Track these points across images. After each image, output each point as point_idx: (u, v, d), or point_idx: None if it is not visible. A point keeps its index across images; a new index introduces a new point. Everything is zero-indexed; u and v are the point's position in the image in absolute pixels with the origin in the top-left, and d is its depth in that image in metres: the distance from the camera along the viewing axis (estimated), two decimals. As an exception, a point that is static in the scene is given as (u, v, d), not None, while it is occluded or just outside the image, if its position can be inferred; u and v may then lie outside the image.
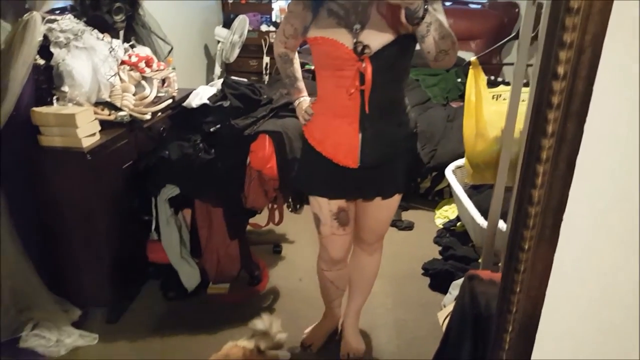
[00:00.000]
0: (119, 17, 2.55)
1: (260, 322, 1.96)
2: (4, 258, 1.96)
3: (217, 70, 3.96)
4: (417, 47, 1.45)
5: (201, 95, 2.19)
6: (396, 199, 1.74)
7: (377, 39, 1.40)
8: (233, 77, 2.37)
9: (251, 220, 2.42)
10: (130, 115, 2.20)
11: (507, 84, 2.90)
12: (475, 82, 2.12)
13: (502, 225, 2.12)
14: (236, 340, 1.92)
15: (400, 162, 1.65)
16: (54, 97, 2.08)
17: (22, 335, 2.02)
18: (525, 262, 0.82)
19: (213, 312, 2.28)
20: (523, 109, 1.93)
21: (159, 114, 2.38)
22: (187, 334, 2.14)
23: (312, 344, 2.06)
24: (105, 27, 2.43)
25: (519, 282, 0.83)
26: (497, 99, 2.17)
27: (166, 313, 2.28)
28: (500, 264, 1.84)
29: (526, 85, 2.19)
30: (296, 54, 1.74)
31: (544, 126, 0.75)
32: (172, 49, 2.83)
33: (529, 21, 1.69)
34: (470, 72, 2.14)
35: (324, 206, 1.70)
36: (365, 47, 1.39)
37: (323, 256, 1.87)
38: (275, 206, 2.29)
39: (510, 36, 2.06)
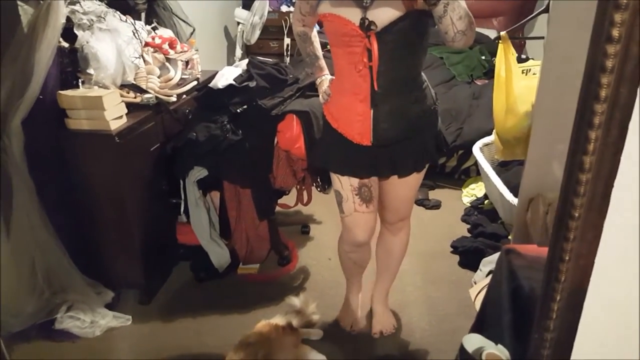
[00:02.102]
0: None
1: (297, 300, 1.99)
2: (36, 242, 2.00)
3: (238, 52, 3.95)
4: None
5: (227, 76, 2.19)
6: (416, 177, 1.71)
7: (385, 14, 1.38)
8: (259, 57, 2.35)
9: (279, 201, 2.43)
10: (156, 98, 2.20)
11: (526, 59, 2.86)
12: (505, 57, 2.09)
13: (515, 200, 2.10)
14: (268, 319, 1.95)
15: (418, 139, 1.62)
16: (80, 80, 2.09)
17: (57, 317, 2.06)
18: (575, 230, 0.80)
19: (244, 292, 2.31)
20: (535, 83, 1.88)
21: (184, 96, 2.38)
22: (220, 314, 2.18)
23: (352, 324, 2.05)
24: (126, 9, 2.42)
25: (568, 251, 0.82)
26: (526, 74, 2.12)
27: (198, 294, 2.31)
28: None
29: (523, 60, 2.14)
30: (315, 32, 1.73)
31: (597, 90, 0.73)
32: (194, 30, 2.83)
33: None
34: (500, 47, 2.11)
35: (344, 182, 1.68)
36: (371, 23, 1.38)
37: (346, 238, 1.83)
38: (303, 186, 2.29)
39: (540, 10, 2.02)
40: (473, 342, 1.04)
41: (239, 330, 1.92)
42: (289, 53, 4.13)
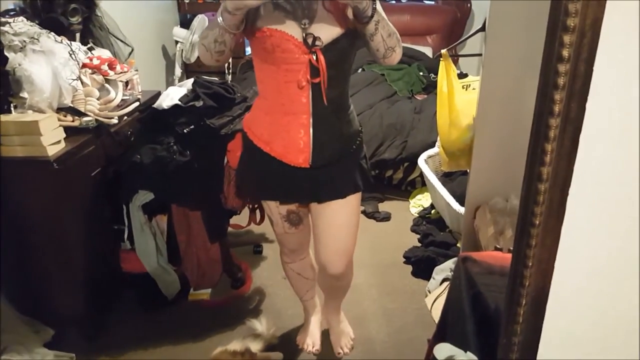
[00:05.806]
0: (75, 19, 2.45)
1: (257, 323, 1.94)
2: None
3: (178, 71, 3.87)
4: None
5: (172, 96, 2.13)
6: (354, 203, 1.64)
7: (327, 32, 1.38)
8: (204, 77, 2.31)
9: (231, 222, 2.38)
10: (96, 120, 2.11)
11: (465, 75, 3.02)
12: (447, 73, 2.18)
13: (461, 209, 2.19)
14: (225, 346, 1.89)
15: (352, 160, 1.60)
16: (11, 105, 1.96)
17: (-8, 361, 1.90)
18: (536, 237, 0.84)
19: (197, 319, 2.23)
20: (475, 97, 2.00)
21: (125, 117, 2.29)
22: (172, 344, 2.09)
23: (312, 344, 2.04)
24: (60, 29, 2.31)
25: (530, 257, 0.86)
26: (466, 89, 2.23)
27: (147, 324, 2.20)
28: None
29: (462, 76, 2.26)
30: None
31: (551, 106, 0.78)
32: (132, 50, 2.74)
33: (495, 14, 1.80)
34: (441, 64, 2.20)
35: (273, 209, 1.67)
36: (316, 38, 1.37)
37: (283, 250, 1.87)
38: (255, 205, 2.26)
39: (478, 28, 2.17)
40: (443, 351, 1.06)
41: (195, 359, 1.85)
42: (230, 71, 4.10)
